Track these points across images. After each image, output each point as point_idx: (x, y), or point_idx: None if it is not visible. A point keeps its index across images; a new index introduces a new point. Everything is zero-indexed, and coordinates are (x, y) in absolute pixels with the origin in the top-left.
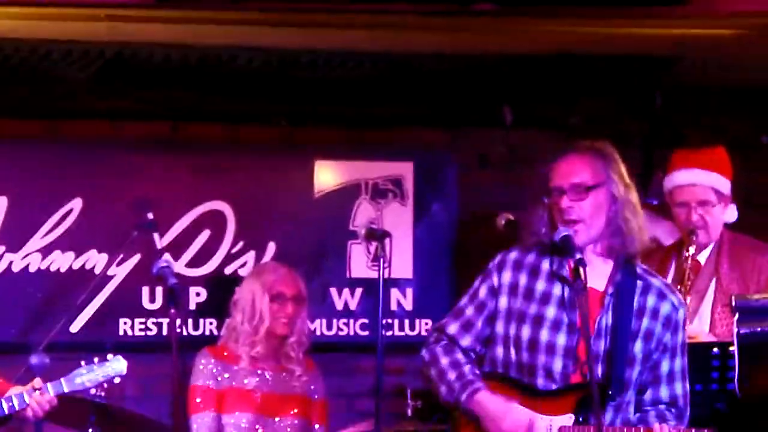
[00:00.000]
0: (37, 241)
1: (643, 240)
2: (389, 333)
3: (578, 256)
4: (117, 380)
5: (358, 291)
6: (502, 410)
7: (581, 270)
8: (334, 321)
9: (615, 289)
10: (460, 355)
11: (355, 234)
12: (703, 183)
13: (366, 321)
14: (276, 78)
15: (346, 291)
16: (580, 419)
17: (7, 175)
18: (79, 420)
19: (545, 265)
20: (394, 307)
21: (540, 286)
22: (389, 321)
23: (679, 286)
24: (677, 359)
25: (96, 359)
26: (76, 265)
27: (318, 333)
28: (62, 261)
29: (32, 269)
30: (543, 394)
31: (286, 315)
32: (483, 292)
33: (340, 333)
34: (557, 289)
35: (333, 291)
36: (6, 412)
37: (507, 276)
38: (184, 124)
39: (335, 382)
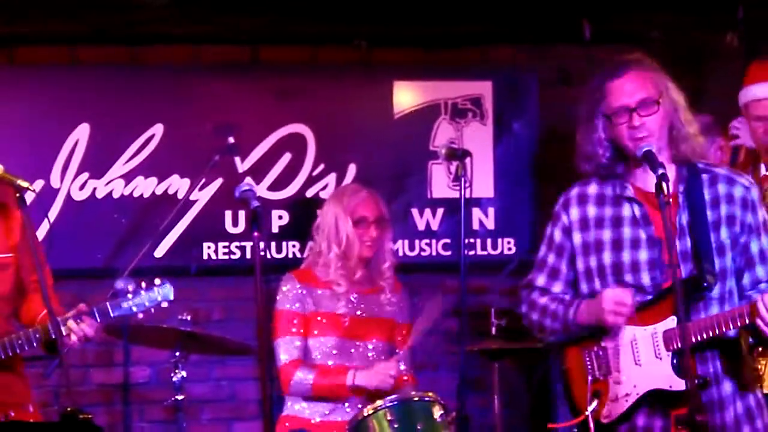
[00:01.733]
0: (120, 167)
1: (701, 142)
2: (471, 252)
3: (661, 171)
4: (164, 305)
5: (440, 211)
6: (597, 299)
7: (664, 185)
8: (416, 241)
9: (685, 186)
10: (556, 295)
11: (435, 154)
12: None
13: (448, 241)
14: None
15: (427, 211)
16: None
17: (88, 101)
18: (166, 343)
19: (608, 191)
20: (476, 226)
21: (608, 212)
22: (471, 240)
23: None
24: (764, 237)
25: (143, 284)
26: (159, 191)
27: (400, 253)
28: (145, 186)
29: (116, 195)
30: (639, 308)
31: (370, 238)
32: (558, 235)
33: (423, 253)
34: (626, 210)
35: (414, 211)
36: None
37: (575, 212)
38: (263, 47)
39: (418, 301)
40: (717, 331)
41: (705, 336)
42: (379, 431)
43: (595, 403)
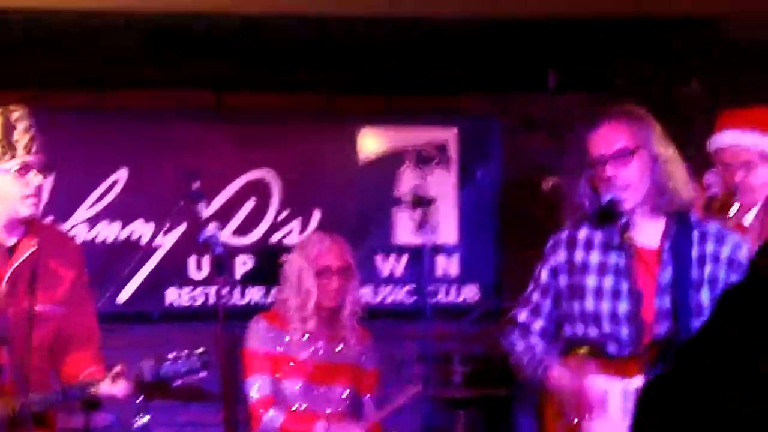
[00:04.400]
0: (84, 211)
1: (689, 192)
2: (435, 299)
3: (624, 220)
4: (203, 374)
5: (404, 257)
6: (575, 386)
7: (627, 235)
8: (380, 287)
9: (671, 243)
10: (534, 339)
11: (399, 201)
12: (748, 144)
13: (412, 287)
14: (318, 46)
15: (391, 258)
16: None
17: (52, 146)
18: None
19: (597, 237)
20: (440, 273)
21: (594, 258)
22: (435, 287)
23: None
24: None
25: (185, 352)
26: (123, 236)
27: (363, 299)
28: (109, 231)
29: (79, 240)
30: (617, 359)
31: (334, 289)
32: (544, 275)
33: (386, 300)
34: (612, 259)
35: (378, 258)
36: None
37: (562, 255)
38: (228, 93)
39: (382, 348)
40: None
41: None
42: None
43: None
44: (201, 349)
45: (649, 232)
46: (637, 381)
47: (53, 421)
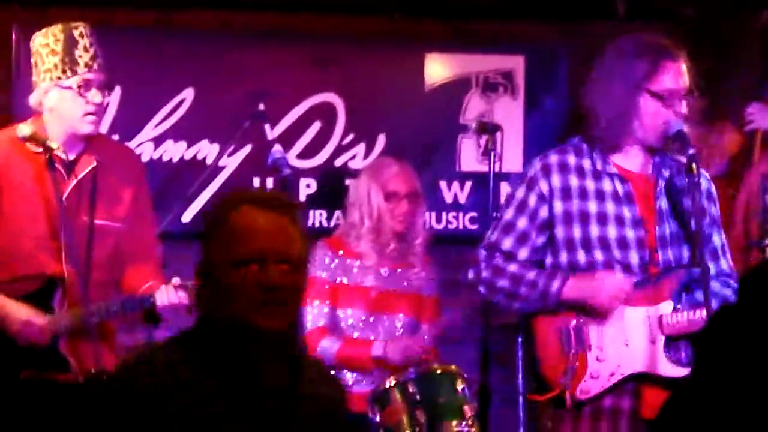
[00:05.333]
0: (150, 130)
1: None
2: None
3: (691, 151)
4: None
5: (468, 184)
6: (599, 282)
7: (694, 165)
8: (444, 214)
9: (659, 173)
10: (526, 262)
11: (465, 127)
12: None
13: (475, 214)
14: None
15: (455, 184)
16: (677, 305)
17: (119, 64)
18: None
19: (586, 164)
20: (504, 200)
21: (590, 185)
22: (499, 215)
23: None
24: (722, 231)
25: None
26: (188, 155)
27: (426, 225)
28: (174, 151)
29: (144, 158)
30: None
31: (402, 213)
32: (532, 200)
33: (450, 226)
34: (607, 185)
35: (443, 184)
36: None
37: (556, 179)
38: (296, 14)
39: (445, 274)
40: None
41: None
42: (402, 403)
43: (568, 377)
44: None
45: (638, 162)
46: (656, 310)
47: (113, 336)
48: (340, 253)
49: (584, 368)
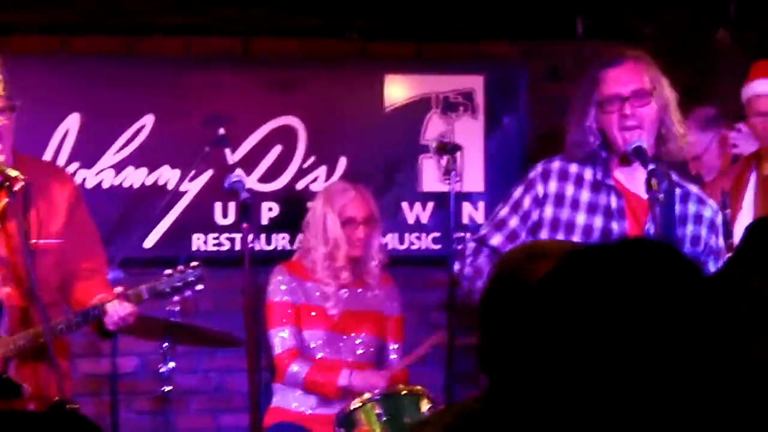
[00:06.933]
0: (110, 157)
1: (689, 143)
2: (461, 246)
3: (651, 166)
4: (199, 287)
5: (430, 205)
6: None
7: (654, 181)
8: (406, 235)
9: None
10: None
11: (426, 148)
12: None
13: (438, 235)
14: None
15: (417, 205)
16: None
17: (80, 91)
18: (154, 334)
19: (588, 174)
20: (465, 220)
21: (585, 196)
22: (461, 234)
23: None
24: (721, 262)
25: (180, 267)
26: (149, 181)
27: (390, 247)
28: (135, 177)
29: (105, 185)
30: None
31: (359, 239)
32: (527, 201)
33: (412, 247)
34: (603, 199)
35: (404, 205)
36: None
37: (553, 185)
38: (255, 39)
39: (408, 295)
40: None
41: None
42: (367, 424)
43: None
44: (194, 263)
45: (639, 180)
46: None
47: (70, 361)
48: (299, 276)
49: None
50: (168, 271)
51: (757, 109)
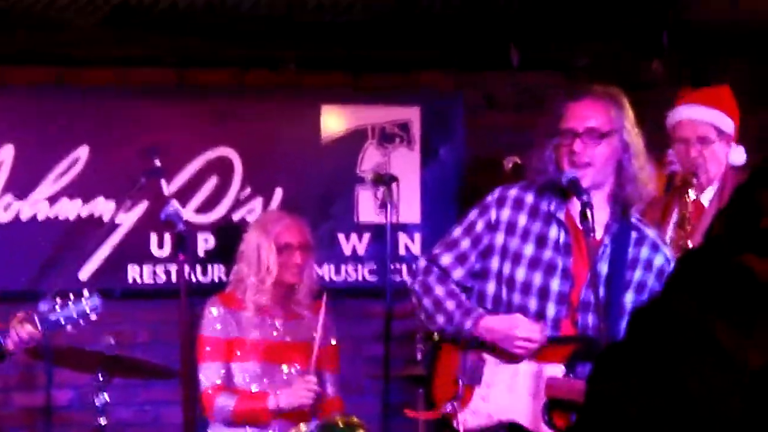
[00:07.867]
0: (45, 189)
1: (650, 190)
2: (398, 278)
3: (585, 198)
4: (93, 317)
5: (366, 236)
6: (509, 324)
7: (588, 213)
8: (343, 266)
9: (611, 237)
10: (454, 286)
11: (362, 179)
12: (704, 119)
13: (374, 266)
14: (282, 22)
15: (354, 236)
16: (570, 374)
17: (13, 122)
18: (88, 367)
19: (543, 206)
20: (402, 251)
21: (537, 227)
22: (398, 266)
23: (680, 230)
24: None
25: (72, 296)
26: (84, 213)
27: (327, 278)
28: (70, 209)
29: (40, 217)
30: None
31: (295, 264)
32: (480, 226)
33: (349, 278)
34: (554, 232)
35: (341, 236)
36: None
37: (506, 213)
38: (190, 70)
39: (344, 327)
40: None
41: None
42: None
43: (452, 405)
44: (86, 292)
45: (601, 214)
46: (550, 369)
47: None
48: (232, 308)
49: (468, 401)
50: (61, 300)
51: (679, 135)
